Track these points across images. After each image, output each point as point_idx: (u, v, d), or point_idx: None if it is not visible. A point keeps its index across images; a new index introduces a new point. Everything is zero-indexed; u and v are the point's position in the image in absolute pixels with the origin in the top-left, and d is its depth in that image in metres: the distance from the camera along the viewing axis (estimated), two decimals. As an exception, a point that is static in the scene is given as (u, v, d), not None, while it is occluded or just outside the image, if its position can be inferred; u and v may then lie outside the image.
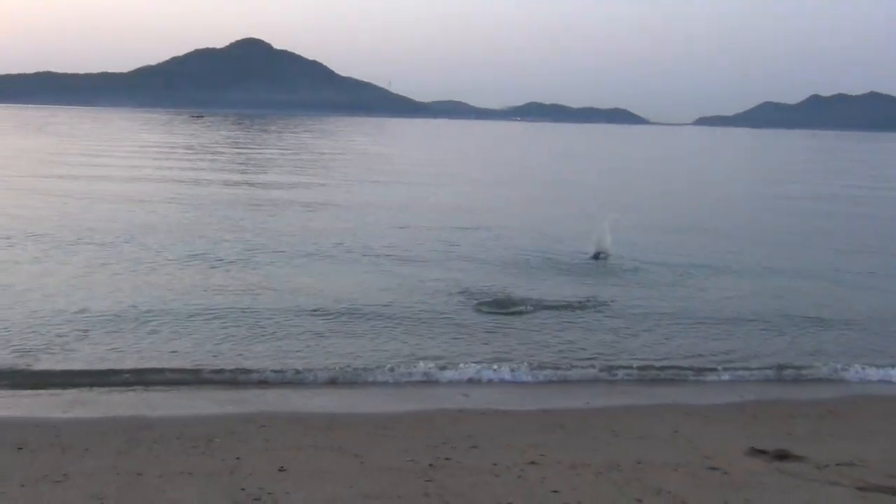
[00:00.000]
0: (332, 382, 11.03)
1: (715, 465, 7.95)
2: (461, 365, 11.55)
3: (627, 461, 8.04)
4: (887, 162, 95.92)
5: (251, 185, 39.05)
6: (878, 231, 29.33)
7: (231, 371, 11.17)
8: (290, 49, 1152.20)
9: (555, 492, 7.14)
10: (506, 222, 26.80)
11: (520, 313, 14.63)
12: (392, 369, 11.35)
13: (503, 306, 15.01)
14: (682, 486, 7.38)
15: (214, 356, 11.74)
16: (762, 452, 8.35)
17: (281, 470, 7.59)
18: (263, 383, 10.91)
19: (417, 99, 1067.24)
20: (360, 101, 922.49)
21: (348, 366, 11.51)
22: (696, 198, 41.03)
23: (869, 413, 10.24)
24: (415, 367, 11.46)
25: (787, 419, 9.86)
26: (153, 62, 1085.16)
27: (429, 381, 11.22)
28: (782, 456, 8.24)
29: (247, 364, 11.44)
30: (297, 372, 11.19)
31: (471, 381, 11.23)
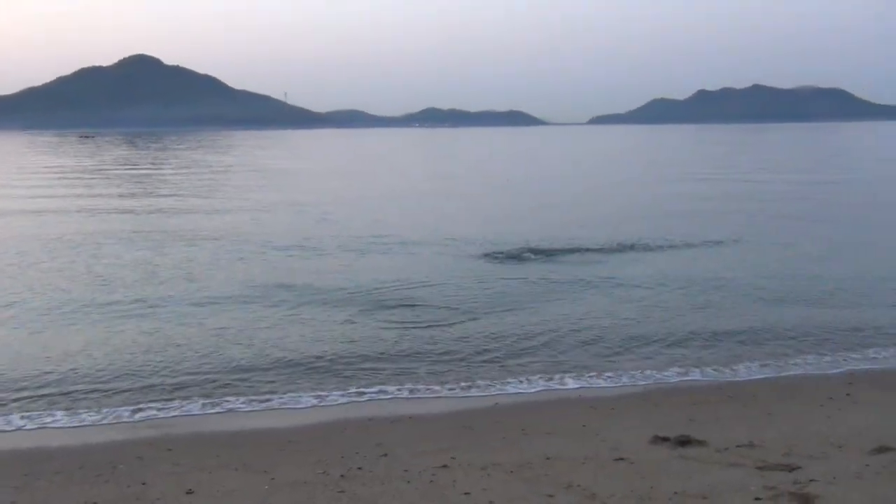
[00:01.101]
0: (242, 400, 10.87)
1: (621, 456, 8.12)
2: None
3: (537, 458, 8.15)
4: (764, 150, 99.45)
5: (130, 212, 37.47)
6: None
7: (133, 393, 10.90)
8: (181, 64, 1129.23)
9: (466, 494, 7.19)
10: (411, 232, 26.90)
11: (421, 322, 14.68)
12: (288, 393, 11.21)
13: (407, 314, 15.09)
14: (590, 479, 7.51)
15: (116, 380, 11.44)
16: (665, 440, 8.56)
17: (189, 493, 7.45)
18: (167, 404, 10.67)
19: (315, 110, 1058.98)
20: (257, 115, 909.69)
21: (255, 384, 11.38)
22: (592, 197, 41.85)
23: (765, 396, 10.60)
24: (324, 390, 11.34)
25: (688, 406, 10.15)
26: (39, 83, 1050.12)
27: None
28: (684, 442, 8.47)
29: (149, 386, 11.19)
30: (206, 393, 10.99)
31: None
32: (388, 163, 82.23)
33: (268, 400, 10.84)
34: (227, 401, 10.77)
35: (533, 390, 11.23)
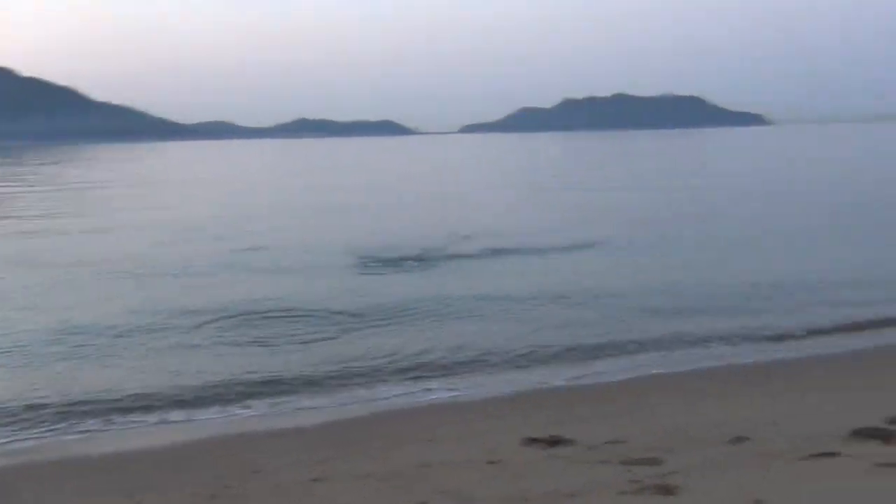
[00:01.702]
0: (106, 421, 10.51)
1: (494, 459, 8.25)
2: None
3: (411, 465, 8.19)
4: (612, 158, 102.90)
5: None
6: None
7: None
8: (38, 76, 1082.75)
9: (341, 505, 7.18)
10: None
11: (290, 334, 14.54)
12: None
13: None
14: (464, 483, 7.60)
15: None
16: (537, 441, 8.76)
17: (50, 521, 7.17)
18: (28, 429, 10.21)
19: (181, 121, 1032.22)
20: (120, 127, 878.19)
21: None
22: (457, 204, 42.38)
23: (628, 395, 10.99)
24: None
25: (558, 407, 10.42)
26: None
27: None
28: (555, 442, 8.69)
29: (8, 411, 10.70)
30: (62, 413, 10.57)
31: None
32: (258, 175, 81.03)
33: (137, 421, 10.52)
34: (93, 423, 10.40)
35: (407, 399, 11.30)
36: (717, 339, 13.86)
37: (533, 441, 8.76)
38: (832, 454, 7.75)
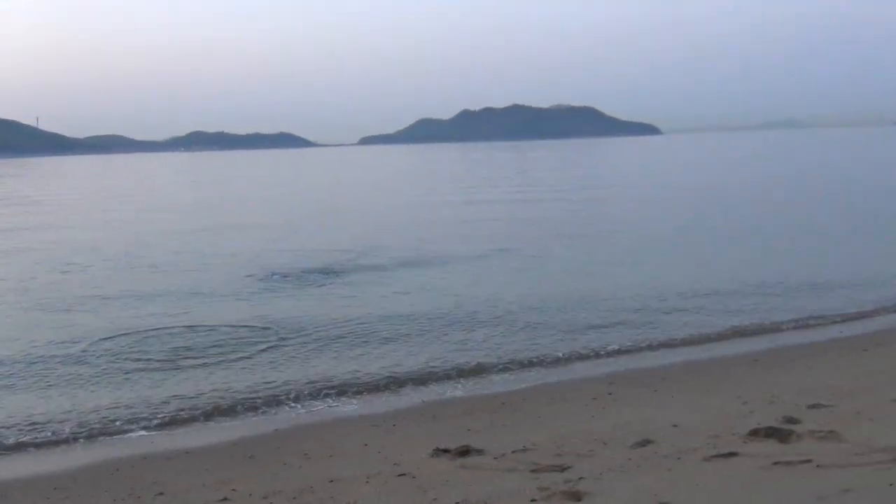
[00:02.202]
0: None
1: (403, 472, 8.23)
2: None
3: (320, 481, 8.11)
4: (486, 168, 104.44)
5: None
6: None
7: None
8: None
9: (248, 525, 7.04)
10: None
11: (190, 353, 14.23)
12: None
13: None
14: (373, 497, 7.57)
15: None
16: (446, 451, 8.77)
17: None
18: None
19: (70, 135, 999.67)
20: (5, 141, 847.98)
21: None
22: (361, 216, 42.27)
23: (534, 402, 11.09)
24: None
25: (465, 416, 10.44)
26: None
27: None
28: (464, 452, 8.71)
29: None
30: None
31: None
32: (150, 191, 79.09)
33: (26, 448, 10.09)
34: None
35: (312, 414, 11.17)
36: (615, 346, 14.15)
37: (441, 452, 8.77)
38: (732, 454, 8.01)
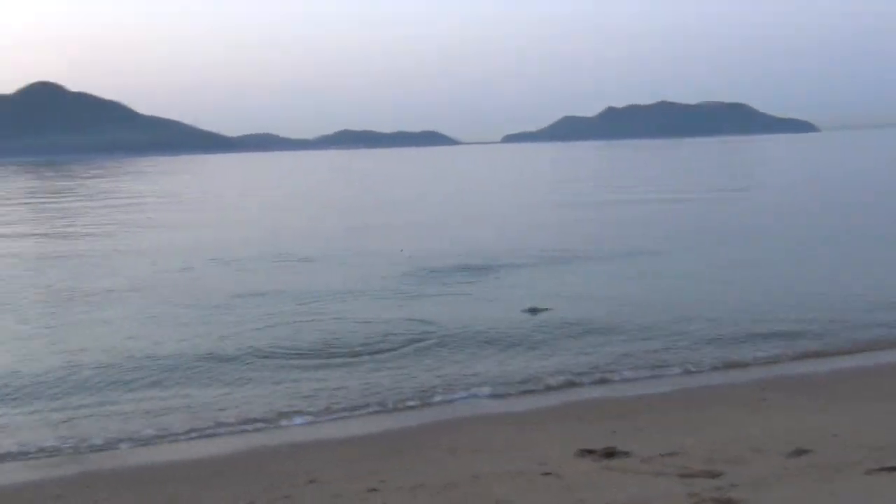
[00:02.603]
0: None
1: (548, 471, 8.19)
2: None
3: (465, 477, 8.16)
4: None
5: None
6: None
7: (50, 427, 10.57)
8: (86, 91, 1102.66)
9: (395, 516, 7.17)
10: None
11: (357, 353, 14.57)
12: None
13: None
14: (518, 495, 7.55)
15: (30, 413, 11.06)
16: (591, 452, 8.67)
17: (111, 531, 7.24)
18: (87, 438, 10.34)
19: (227, 134, 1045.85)
20: (166, 140, 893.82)
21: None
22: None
23: (684, 405, 10.84)
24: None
25: (611, 419, 10.29)
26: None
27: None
28: (610, 453, 8.59)
29: (74, 427, 10.85)
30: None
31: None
32: (313, 187, 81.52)
33: (192, 430, 10.61)
34: (151, 432, 10.50)
35: (458, 409, 11.27)
36: (774, 350, 13.62)
37: (587, 452, 8.68)
38: (898, 468, 7.58)
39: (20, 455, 9.90)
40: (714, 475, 7.72)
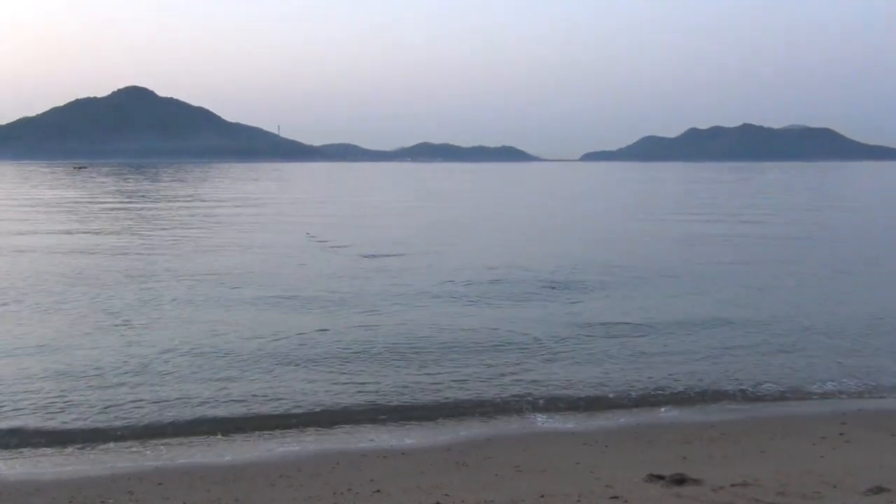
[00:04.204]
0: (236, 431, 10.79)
1: (616, 494, 8.07)
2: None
3: (531, 495, 8.09)
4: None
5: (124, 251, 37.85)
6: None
7: (124, 426, 10.83)
8: (174, 96, 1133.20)
9: (460, 531, 7.13)
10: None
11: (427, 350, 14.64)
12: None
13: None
14: (584, 517, 7.46)
15: (107, 412, 11.34)
16: (660, 478, 8.51)
17: (179, 528, 7.36)
18: (159, 437, 10.57)
19: (307, 143, 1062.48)
20: (250, 147, 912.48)
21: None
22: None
23: (758, 434, 10.56)
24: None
25: (681, 444, 10.11)
26: (32, 113, 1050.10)
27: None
28: (679, 481, 8.42)
29: (147, 420, 11.12)
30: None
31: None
32: (414, 196, 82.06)
33: (260, 433, 10.75)
34: (220, 434, 10.68)
35: (525, 425, 11.19)
36: (857, 383, 13.20)
37: (655, 478, 8.53)
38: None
39: (90, 446, 10.20)
40: (787, 509, 7.50)
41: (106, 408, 11.54)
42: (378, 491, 8.30)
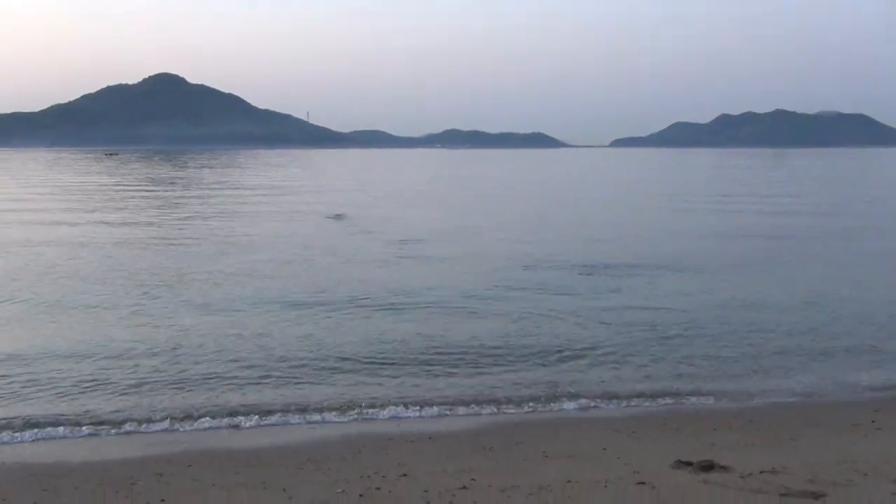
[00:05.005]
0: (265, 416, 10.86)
1: (643, 480, 8.03)
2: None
3: (557, 481, 8.07)
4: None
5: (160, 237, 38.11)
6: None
7: (154, 408, 10.95)
8: (205, 83, 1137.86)
9: (486, 516, 7.13)
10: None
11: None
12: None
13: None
14: (611, 503, 7.43)
15: (137, 395, 11.47)
16: (688, 464, 8.46)
17: (208, 510, 7.42)
18: (188, 419, 10.67)
19: (336, 129, 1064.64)
20: (279, 134, 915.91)
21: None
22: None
23: (787, 422, 10.47)
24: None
25: (710, 431, 10.03)
26: (65, 100, 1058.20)
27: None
28: (707, 467, 8.36)
29: (176, 403, 11.22)
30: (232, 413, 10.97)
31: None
32: (456, 185, 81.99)
33: (287, 416, 10.82)
34: (248, 417, 10.76)
35: (553, 411, 11.17)
36: (890, 372, 13.03)
37: (683, 464, 8.47)
38: None
39: (119, 429, 10.34)
40: (817, 496, 7.43)
41: (134, 391, 11.68)
42: (405, 475, 8.32)
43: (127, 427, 10.41)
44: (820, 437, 9.65)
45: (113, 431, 10.29)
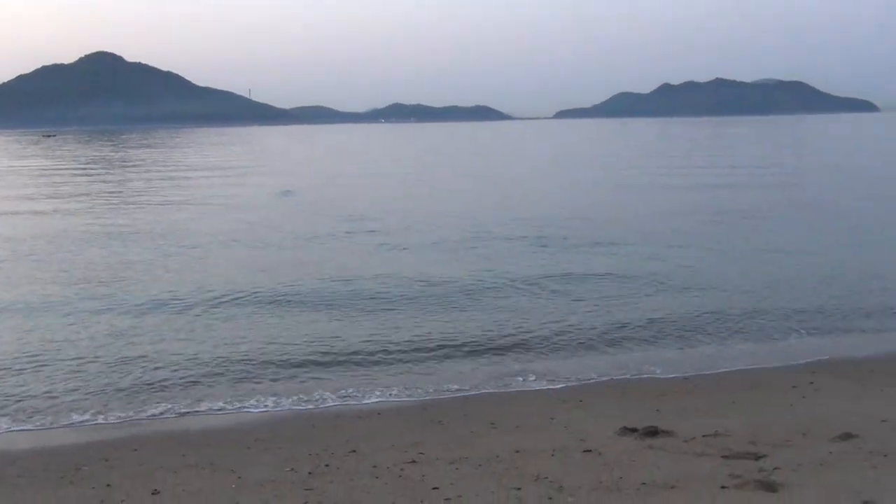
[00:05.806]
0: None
1: (589, 448, 8.15)
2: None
3: (506, 451, 8.16)
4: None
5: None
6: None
7: (98, 395, 10.79)
8: (143, 61, 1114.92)
9: (435, 488, 7.19)
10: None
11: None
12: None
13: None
14: (558, 471, 7.53)
15: (81, 382, 11.30)
16: (633, 431, 8.62)
17: (154, 493, 7.37)
18: (133, 405, 10.53)
19: (279, 105, 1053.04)
20: (220, 111, 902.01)
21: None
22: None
23: (729, 387, 10.71)
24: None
25: (654, 397, 10.22)
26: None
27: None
28: (652, 433, 8.52)
29: (121, 387, 11.08)
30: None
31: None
32: (390, 159, 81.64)
33: (235, 399, 10.74)
34: (195, 401, 10.66)
35: (500, 383, 11.25)
36: (826, 333, 13.42)
37: (629, 430, 8.63)
38: (949, 454, 7.40)
39: (64, 417, 10.17)
40: (757, 457, 7.62)
41: (77, 378, 11.48)
42: (354, 451, 8.34)
43: (71, 414, 10.24)
44: (760, 401, 9.88)
45: (57, 419, 10.11)
